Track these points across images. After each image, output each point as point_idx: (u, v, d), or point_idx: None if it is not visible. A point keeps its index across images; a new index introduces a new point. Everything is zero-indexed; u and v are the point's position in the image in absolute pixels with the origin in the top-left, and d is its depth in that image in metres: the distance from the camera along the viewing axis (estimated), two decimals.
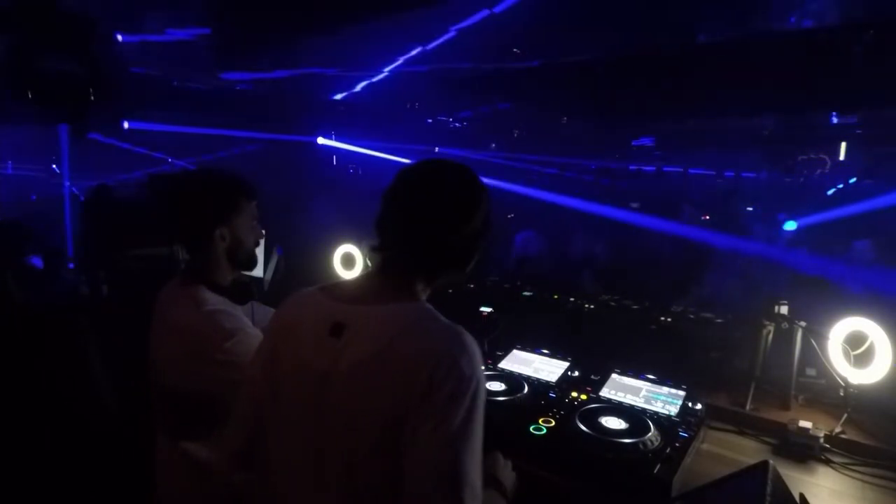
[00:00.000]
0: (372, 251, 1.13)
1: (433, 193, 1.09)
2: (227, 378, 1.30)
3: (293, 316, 1.15)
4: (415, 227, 1.08)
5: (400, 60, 5.95)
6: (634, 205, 8.32)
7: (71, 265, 4.70)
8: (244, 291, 1.59)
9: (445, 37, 5.19)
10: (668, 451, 1.55)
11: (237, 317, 1.49)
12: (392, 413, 0.97)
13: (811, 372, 2.02)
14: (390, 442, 0.98)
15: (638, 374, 2.01)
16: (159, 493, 1.55)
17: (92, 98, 3.84)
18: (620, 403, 1.84)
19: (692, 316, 2.36)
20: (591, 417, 1.71)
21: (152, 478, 1.57)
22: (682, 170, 9.80)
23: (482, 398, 1.02)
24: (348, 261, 3.06)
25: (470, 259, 1.14)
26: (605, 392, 1.92)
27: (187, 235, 1.56)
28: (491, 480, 1.19)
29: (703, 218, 7.04)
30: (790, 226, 5.69)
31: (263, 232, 1.67)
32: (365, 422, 1.00)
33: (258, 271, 2.96)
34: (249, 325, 1.49)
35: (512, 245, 5.83)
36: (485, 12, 4.60)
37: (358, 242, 3.00)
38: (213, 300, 1.49)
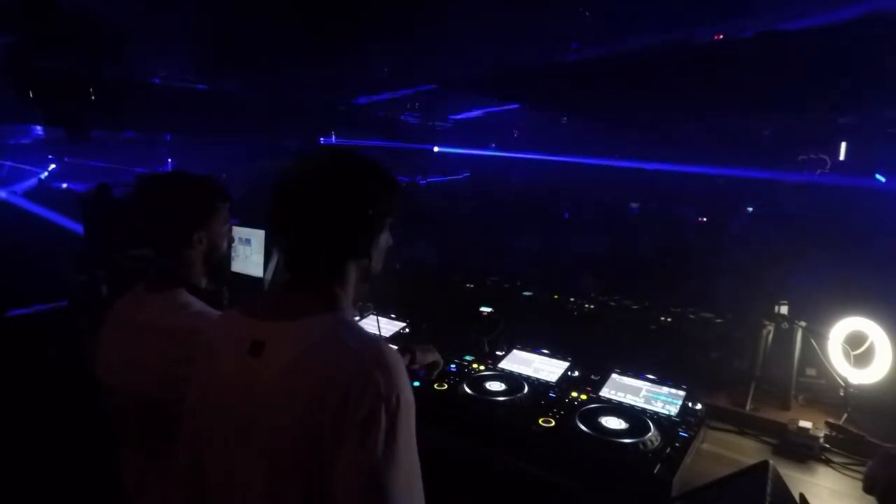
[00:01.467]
0: (285, 267, 1.10)
1: (312, 182, 1.06)
2: None
3: (215, 337, 1.13)
4: (306, 221, 1.05)
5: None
6: (634, 204, 8.34)
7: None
8: (216, 301, 1.57)
9: None
10: (668, 451, 1.55)
11: None
12: (305, 436, 0.92)
13: (811, 372, 2.02)
14: (309, 468, 0.92)
15: (638, 374, 2.00)
16: None
17: (93, 98, 3.85)
18: (620, 403, 1.84)
19: (692, 316, 2.36)
20: (591, 417, 1.71)
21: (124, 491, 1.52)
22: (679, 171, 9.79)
23: (407, 418, 0.94)
24: None
25: (369, 245, 1.10)
26: (605, 392, 1.92)
27: (164, 238, 1.53)
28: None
29: (700, 220, 7.06)
30: None
31: (234, 236, 1.66)
32: (281, 445, 0.95)
33: (258, 271, 2.96)
34: None
35: None
36: None
37: None
38: (198, 302, 1.48)
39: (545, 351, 2.23)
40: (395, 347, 1.17)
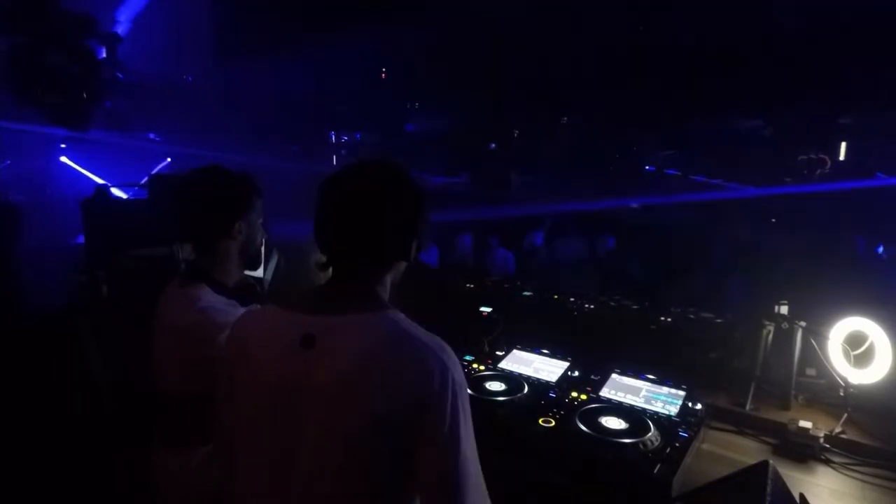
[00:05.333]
0: (322, 267, 1.12)
1: (359, 189, 1.09)
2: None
3: (252, 330, 1.13)
4: (351, 225, 1.08)
5: None
6: (634, 205, 8.32)
7: None
8: (249, 293, 1.59)
9: None
10: (668, 451, 1.55)
11: (231, 313, 1.46)
12: (380, 424, 0.97)
13: (811, 372, 2.02)
14: (365, 456, 0.98)
15: (638, 374, 2.01)
16: (157, 499, 1.54)
17: (86, 96, 3.85)
18: (620, 403, 1.84)
19: (692, 316, 2.36)
20: (591, 417, 1.71)
21: (149, 484, 1.55)
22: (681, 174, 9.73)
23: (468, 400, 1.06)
24: None
25: (409, 246, 1.13)
26: (605, 392, 1.92)
27: (203, 233, 1.55)
28: None
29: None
30: None
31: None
32: (341, 434, 0.99)
33: (258, 271, 2.96)
34: None
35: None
36: None
37: None
38: (209, 297, 1.48)
39: (545, 351, 2.23)
40: None
